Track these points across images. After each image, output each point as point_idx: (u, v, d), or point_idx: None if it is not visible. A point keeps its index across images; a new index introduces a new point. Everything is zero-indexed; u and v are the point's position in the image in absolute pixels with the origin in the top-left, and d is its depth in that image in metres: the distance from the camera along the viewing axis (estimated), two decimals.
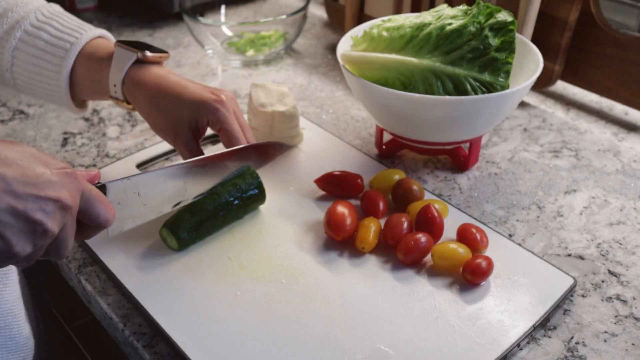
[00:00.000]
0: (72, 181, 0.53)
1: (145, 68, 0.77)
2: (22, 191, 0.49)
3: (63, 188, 0.51)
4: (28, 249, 0.50)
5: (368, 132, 0.98)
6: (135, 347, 0.64)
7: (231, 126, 0.73)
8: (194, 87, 0.75)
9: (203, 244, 0.73)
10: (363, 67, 0.82)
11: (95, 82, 0.78)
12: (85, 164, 0.90)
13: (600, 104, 1.06)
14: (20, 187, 0.49)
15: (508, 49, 0.78)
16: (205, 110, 0.73)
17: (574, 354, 0.63)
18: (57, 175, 0.51)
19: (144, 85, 0.75)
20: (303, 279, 0.69)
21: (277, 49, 1.19)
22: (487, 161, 0.91)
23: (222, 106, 0.73)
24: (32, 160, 0.51)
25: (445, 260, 0.70)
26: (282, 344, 0.62)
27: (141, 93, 0.76)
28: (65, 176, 0.52)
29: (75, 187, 0.53)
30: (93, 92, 0.80)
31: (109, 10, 1.42)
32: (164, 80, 0.75)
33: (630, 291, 0.70)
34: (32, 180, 0.50)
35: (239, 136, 0.74)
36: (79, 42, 0.77)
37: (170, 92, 0.74)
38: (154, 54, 0.77)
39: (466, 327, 0.64)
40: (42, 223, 0.50)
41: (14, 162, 0.49)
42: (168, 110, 0.75)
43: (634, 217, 0.81)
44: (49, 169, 0.51)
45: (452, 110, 0.77)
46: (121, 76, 0.76)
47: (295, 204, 0.80)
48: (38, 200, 0.50)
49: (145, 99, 0.75)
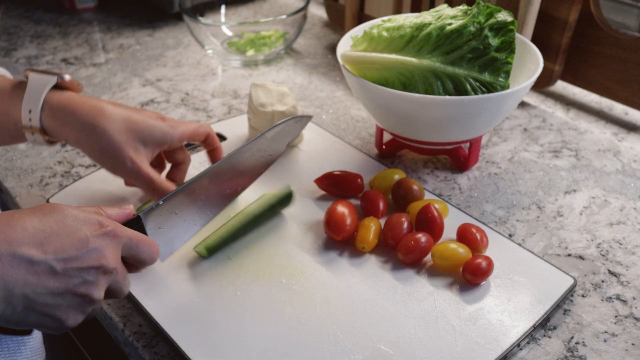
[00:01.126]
0: (111, 240, 0.52)
1: (66, 93, 0.68)
2: (64, 268, 0.48)
3: (104, 252, 0.51)
4: (80, 318, 0.51)
5: (368, 132, 0.98)
6: (135, 347, 0.64)
7: (198, 129, 0.74)
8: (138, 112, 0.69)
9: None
10: (363, 67, 0.82)
11: (2, 114, 0.67)
12: (85, 164, 0.90)
13: (600, 104, 1.06)
14: (61, 265, 0.48)
15: (508, 49, 0.78)
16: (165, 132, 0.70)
17: (574, 354, 0.63)
18: (97, 240, 0.51)
19: (77, 107, 0.66)
20: (303, 279, 0.69)
21: (277, 49, 1.19)
22: (487, 161, 0.91)
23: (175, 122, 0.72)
24: (69, 226, 0.50)
25: (445, 260, 0.70)
26: (282, 343, 0.62)
27: (72, 117, 0.66)
28: (104, 238, 0.51)
29: (115, 244, 0.52)
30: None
31: (109, 10, 1.42)
32: (98, 104, 0.67)
33: (630, 291, 0.70)
34: (73, 255, 0.49)
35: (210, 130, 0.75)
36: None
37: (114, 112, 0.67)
38: (73, 80, 0.69)
39: (466, 327, 0.64)
40: (87, 295, 0.50)
41: (52, 237, 0.48)
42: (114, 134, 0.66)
43: (634, 217, 0.81)
44: (85, 232, 0.50)
45: (452, 110, 0.77)
46: (40, 100, 0.66)
47: (295, 204, 0.80)
48: (81, 273, 0.49)
49: (79, 122, 0.66)
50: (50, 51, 1.24)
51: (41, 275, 0.47)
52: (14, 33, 1.32)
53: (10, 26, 1.36)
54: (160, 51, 1.24)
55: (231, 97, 1.08)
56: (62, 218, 0.50)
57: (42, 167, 0.90)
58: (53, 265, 0.48)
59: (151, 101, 1.07)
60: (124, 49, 1.25)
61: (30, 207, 0.51)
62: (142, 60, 1.21)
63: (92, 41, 1.28)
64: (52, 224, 0.49)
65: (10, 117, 0.67)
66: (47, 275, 0.48)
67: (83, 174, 0.88)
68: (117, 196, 0.80)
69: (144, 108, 1.04)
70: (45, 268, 0.47)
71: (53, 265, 0.48)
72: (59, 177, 0.88)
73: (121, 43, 1.27)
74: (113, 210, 0.58)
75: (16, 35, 1.31)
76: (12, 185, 0.86)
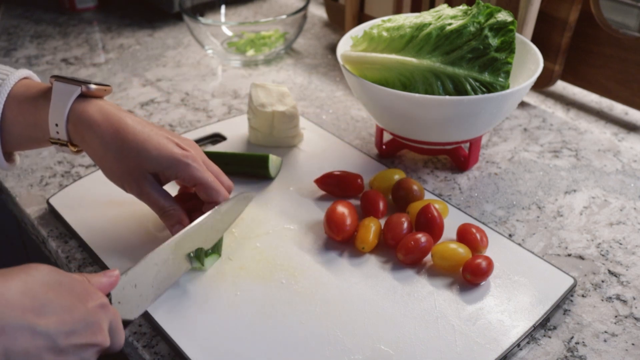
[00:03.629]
0: (105, 314, 0.51)
1: (91, 103, 0.67)
2: (64, 344, 0.46)
3: (99, 327, 0.50)
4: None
5: (368, 132, 0.98)
6: (135, 347, 0.64)
7: (207, 180, 0.68)
8: (157, 137, 0.68)
9: None
10: (363, 67, 0.82)
11: (30, 126, 0.67)
12: (85, 164, 0.90)
13: (600, 104, 1.06)
14: (62, 339, 0.46)
15: (508, 49, 0.78)
16: (175, 167, 0.67)
17: (574, 354, 0.63)
18: (93, 314, 0.49)
19: (96, 125, 0.66)
20: (303, 279, 0.69)
21: (277, 49, 1.19)
22: (487, 161, 0.91)
23: (194, 161, 0.68)
24: (63, 295, 0.47)
25: (445, 260, 0.70)
26: (282, 343, 0.62)
27: (92, 134, 0.66)
28: (99, 311, 0.50)
29: (107, 319, 0.51)
30: (27, 140, 0.69)
31: (109, 10, 1.42)
32: (120, 122, 0.66)
33: (630, 291, 0.70)
34: (72, 328, 0.47)
35: (217, 187, 0.69)
36: (6, 84, 0.66)
37: (131, 139, 0.66)
38: (99, 87, 0.68)
39: (466, 327, 0.64)
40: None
41: (51, 308, 0.46)
42: (129, 158, 0.66)
43: (634, 217, 0.81)
44: (84, 304, 0.48)
45: (452, 110, 0.77)
46: (65, 113, 0.65)
47: (295, 204, 0.80)
48: (78, 351, 0.47)
49: (99, 143, 0.66)
50: (50, 51, 1.24)
51: (41, 349, 0.45)
52: (14, 33, 1.32)
53: (10, 26, 1.36)
54: (160, 51, 1.24)
55: (231, 97, 1.08)
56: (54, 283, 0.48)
57: (42, 167, 0.90)
58: (55, 339, 0.45)
59: (151, 101, 1.07)
60: (124, 49, 1.25)
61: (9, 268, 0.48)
62: (142, 60, 1.21)
63: (92, 41, 1.28)
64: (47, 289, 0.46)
65: (38, 128, 0.67)
66: (47, 350, 0.45)
67: (83, 174, 0.88)
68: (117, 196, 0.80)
69: (144, 108, 1.05)
70: (46, 341, 0.45)
71: (55, 339, 0.45)
72: (59, 177, 0.88)
73: (121, 43, 1.27)
74: (98, 278, 0.55)
75: (16, 35, 1.31)
76: (12, 185, 0.86)
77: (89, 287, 0.51)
